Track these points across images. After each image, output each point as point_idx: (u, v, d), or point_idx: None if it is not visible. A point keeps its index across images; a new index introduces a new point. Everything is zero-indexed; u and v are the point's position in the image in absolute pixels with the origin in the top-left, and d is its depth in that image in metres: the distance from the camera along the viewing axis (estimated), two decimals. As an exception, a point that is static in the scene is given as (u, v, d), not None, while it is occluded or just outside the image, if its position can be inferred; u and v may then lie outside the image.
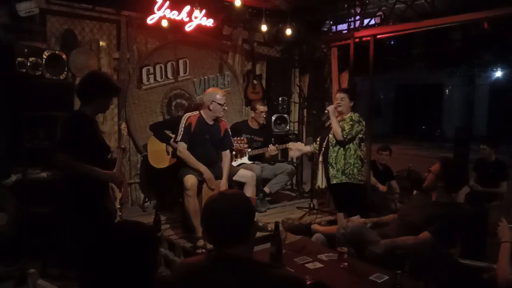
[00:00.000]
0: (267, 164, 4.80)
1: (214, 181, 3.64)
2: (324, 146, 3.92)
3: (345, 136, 3.75)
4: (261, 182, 4.48)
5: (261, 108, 4.78)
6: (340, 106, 3.85)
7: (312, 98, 5.91)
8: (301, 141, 6.07)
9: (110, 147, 2.96)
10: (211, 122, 3.77)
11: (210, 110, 3.68)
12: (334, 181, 3.81)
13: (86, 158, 2.49)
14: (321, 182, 4.01)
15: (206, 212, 1.46)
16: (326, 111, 3.97)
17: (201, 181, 3.68)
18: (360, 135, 3.82)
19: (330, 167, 3.84)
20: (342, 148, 3.82)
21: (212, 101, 3.65)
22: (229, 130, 3.97)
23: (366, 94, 5.41)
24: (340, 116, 3.90)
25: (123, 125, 3.61)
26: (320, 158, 4.00)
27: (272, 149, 4.55)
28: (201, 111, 3.78)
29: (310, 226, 3.21)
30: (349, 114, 3.84)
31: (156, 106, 4.97)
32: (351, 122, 3.77)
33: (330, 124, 3.99)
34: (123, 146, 3.19)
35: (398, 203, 4.56)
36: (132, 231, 1.22)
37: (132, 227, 1.25)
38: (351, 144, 3.80)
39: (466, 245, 3.03)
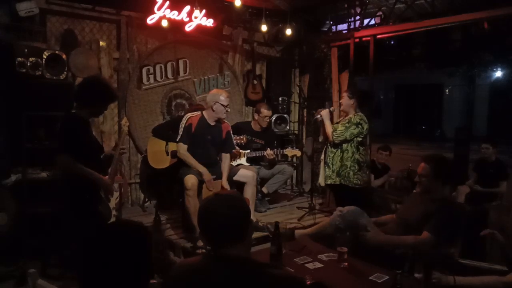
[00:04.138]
0: (263, 168, 4.79)
1: (213, 182, 3.65)
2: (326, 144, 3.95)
3: (334, 137, 3.76)
4: (258, 182, 4.48)
5: (265, 112, 4.73)
6: (341, 105, 3.91)
7: (312, 98, 5.91)
8: (301, 141, 6.09)
9: (104, 148, 2.98)
10: (212, 123, 3.76)
11: (213, 111, 3.67)
12: (328, 181, 3.86)
13: (81, 160, 2.54)
14: (322, 180, 4.02)
15: (202, 213, 1.46)
16: (319, 115, 3.96)
17: (202, 181, 3.68)
18: (359, 139, 3.80)
19: (326, 167, 3.87)
20: (339, 150, 3.82)
21: (216, 101, 3.65)
22: (231, 131, 3.96)
23: (370, 93, 5.42)
24: (344, 116, 3.94)
25: (124, 120, 3.25)
26: (322, 156, 4.01)
27: (269, 153, 4.51)
28: (203, 112, 3.77)
29: (294, 231, 3.20)
30: (350, 115, 3.83)
31: (156, 106, 4.97)
32: (347, 124, 3.76)
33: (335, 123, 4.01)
34: (122, 147, 3.08)
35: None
36: (124, 230, 1.23)
37: (124, 226, 1.26)
38: (348, 147, 3.79)
39: (466, 245, 3.03)
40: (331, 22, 5.93)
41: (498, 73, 15.69)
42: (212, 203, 1.45)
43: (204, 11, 4.71)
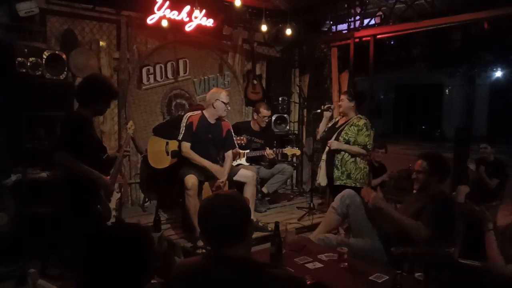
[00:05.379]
0: (263, 167, 4.79)
1: (222, 171, 3.66)
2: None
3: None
4: (258, 182, 4.48)
5: (265, 112, 4.75)
6: (341, 107, 3.93)
7: (312, 98, 5.91)
8: (301, 141, 6.09)
9: (107, 148, 2.98)
10: (213, 122, 3.78)
11: (214, 108, 3.71)
12: (337, 183, 3.83)
13: (82, 159, 2.53)
14: (322, 180, 4.01)
15: (201, 213, 1.46)
16: (328, 110, 4.02)
17: (202, 181, 3.69)
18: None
19: (335, 169, 3.84)
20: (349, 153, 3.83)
21: (217, 99, 3.69)
22: (232, 130, 3.97)
23: (366, 94, 5.42)
24: (345, 118, 3.94)
25: (130, 124, 3.32)
26: (324, 157, 4.00)
27: (269, 153, 4.52)
28: (203, 111, 3.80)
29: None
30: (352, 119, 3.84)
31: (156, 106, 4.97)
32: (363, 132, 3.78)
33: (334, 123, 4.02)
34: (126, 149, 3.11)
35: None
36: (125, 233, 1.23)
37: (125, 229, 1.26)
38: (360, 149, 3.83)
39: (466, 245, 3.02)
40: (331, 22, 5.94)
41: (498, 73, 15.66)
42: (212, 203, 1.45)
43: (204, 11, 4.71)
